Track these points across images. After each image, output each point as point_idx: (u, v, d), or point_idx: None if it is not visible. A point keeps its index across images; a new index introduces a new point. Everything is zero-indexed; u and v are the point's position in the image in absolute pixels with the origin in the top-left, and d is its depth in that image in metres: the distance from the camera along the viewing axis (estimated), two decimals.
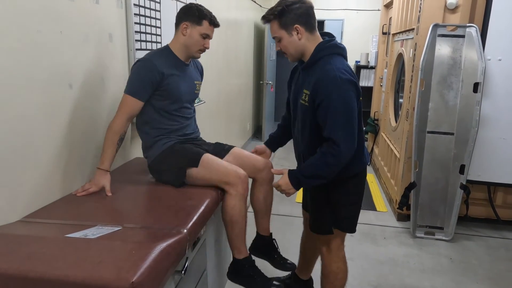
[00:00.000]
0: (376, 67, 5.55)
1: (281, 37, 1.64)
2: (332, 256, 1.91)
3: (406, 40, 3.78)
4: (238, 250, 1.85)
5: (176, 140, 1.90)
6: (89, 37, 1.82)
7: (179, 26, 1.87)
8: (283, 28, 1.61)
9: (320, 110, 1.60)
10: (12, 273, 1.07)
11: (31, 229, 1.38)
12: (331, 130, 1.59)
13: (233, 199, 1.77)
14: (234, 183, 1.76)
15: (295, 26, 1.60)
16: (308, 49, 1.66)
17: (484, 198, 3.34)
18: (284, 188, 1.73)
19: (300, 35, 1.62)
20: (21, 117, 1.45)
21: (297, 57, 1.70)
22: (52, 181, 1.64)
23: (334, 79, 1.56)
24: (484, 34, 2.98)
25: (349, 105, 1.57)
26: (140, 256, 1.13)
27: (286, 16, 1.59)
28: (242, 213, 1.80)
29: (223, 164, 1.83)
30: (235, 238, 1.82)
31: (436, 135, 3.11)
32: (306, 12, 1.61)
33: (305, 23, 1.62)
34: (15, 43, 1.40)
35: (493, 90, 3.01)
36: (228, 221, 1.80)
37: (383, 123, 4.86)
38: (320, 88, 1.59)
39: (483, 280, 2.64)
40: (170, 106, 1.87)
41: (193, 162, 1.80)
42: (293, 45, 1.64)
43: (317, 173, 1.66)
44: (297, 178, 1.71)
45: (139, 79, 1.78)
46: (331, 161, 1.61)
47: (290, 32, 1.62)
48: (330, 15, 6.90)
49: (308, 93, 1.64)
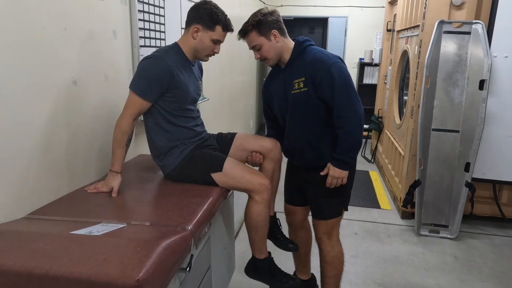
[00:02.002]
0: (380, 64, 5.52)
1: (262, 43, 1.81)
2: (333, 241, 2.03)
3: (411, 37, 3.75)
4: (259, 251, 1.88)
5: (192, 145, 1.84)
6: (93, 34, 1.82)
7: (190, 28, 1.76)
8: (262, 35, 1.80)
9: (323, 85, 1.77)
10: (17, 269, 1.07)
11: (36, 226, 1.38)
12: (340, 99, 1.76)
13: (259, 206, 1.78)
14: (260, 190, 1.76)
15: (272, 31, 1.80)
16: (285, 50, 1.86)
17: (489, 196, 3.32)
18: (338, 175, 1.85)
19: (278, 38, 1.82)
20: (25, 114, 1.45)
21: (277, 60, 1.88)
22: (56, 178, 1.64)
23: (325, 58, 1.80)
24: (490, 31, 2.95)
25: (346, 73, 1.79)
26: (145, 253, 1.12)
27: (263, 24, 1.79)
28: (267, 218, 1.84)
29: (247, 170, 1.81)
30: (259, 241, 1.86)
31: (441, 132, 3.09)
32: (277, 19, 1.83)
33: (279, 28, 1.83)
34: (20, 39, 1.40)
35: (499, 88, 2.99)
36: (253, 226, 1.82)
37: (387, 120, 4.84)
38: (317, 68, 1.78)
39: (488, 278, 2.62)
40: (178, 107, 1.79)
41: (217, 167, 1.78)
42: (273, 48, 1.83)
43: (350, 141, 1.81)
44: (340, 160, 1.84)
45: (150, 78, 1.68)
46: (353, 123, 1.79)
47: (269, 37, 1.81)
48: (334, 12, 6.86)
49: (303, 79, 1.81)
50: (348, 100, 1.77)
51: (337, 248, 2.05)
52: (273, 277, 1.93)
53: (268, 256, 1.92)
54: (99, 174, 1.92)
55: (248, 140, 2.00)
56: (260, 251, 1.89)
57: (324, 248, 2.04)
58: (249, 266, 1.96)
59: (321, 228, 2.02)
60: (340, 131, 1.81)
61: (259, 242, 1.86)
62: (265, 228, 1.86)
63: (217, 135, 2.06)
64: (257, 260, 1.90)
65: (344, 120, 1.78)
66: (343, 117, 1.78)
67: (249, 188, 1.78)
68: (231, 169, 1.78)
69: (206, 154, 1.83)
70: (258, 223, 1.80)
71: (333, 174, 1.86)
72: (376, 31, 6.27)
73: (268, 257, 1.91)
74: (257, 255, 1.90)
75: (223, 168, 1.77)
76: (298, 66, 1.84)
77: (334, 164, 1.85)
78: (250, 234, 1.86)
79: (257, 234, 1.84)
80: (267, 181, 1.79)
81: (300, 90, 1.82)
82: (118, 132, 1.70)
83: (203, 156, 1.82)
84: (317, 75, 1.77)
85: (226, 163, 1.78)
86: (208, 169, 1.79)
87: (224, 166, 1.77)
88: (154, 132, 1.82)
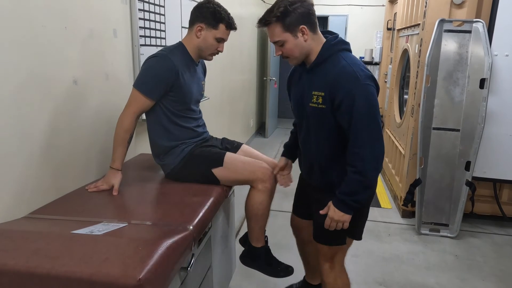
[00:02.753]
0: (381, 63, 5.52)
1: (286, 40, 1.50)
2: (335, 271, 1.77)
3: (412, 35, 3.75)
4: (257, 240, 1.87)
5: (193, 145, 1.85)
6: (93, 33, 1.81)
7: (193, 27, 1.77)
8: (287, 30, 1.48)
9: (342, 109, 1.48)
10: (19, 269, 1.07)
11: (37, 225, 1.38)
12: (359, 131, 1.48)
13: (262, 195, 1.77)
14: (263, 179, 1.76)
15: (300, 27, 1.48)
16: (313, 49, 1.55)
17: (489, 195, 3.31)
18: (338, 219, 1.56)
19: (306, 36, 1.50)
20: (26, 113, 1.45)
21: (302, 59, 1.58)
22: (57, 177, 1.64)
23: (353, 75, 1.46)
24: (491, 30, 2.95)
25: (372, 102, 1.47)
26: (147, 253, 1.12)
27: (290, 17, 1.46)
28: (269, 207, 1.83)
29: (247, 161, 1.81)
30: (258, 230, 1.85)
31: (442, 131, 3.09)
32: (308, 11, 1.49)
33: (309, 22, 1.50)
34: (20, 38, 1.40)
35: (500, 86, 2.98)
36: (254, 215, 1.80)
37: (387, 119, 4.83)
38: (339, 86, 1.47)
39: (488, 277, 2.62)
40: (180, 107, 1.80)
41: (217, 162, 1.78)
42: (299, 47, 1.52)
43: (359, 184, 1.52)
44: (342, 202, 1.55)
45: (155, 77, 1.69)
46: (367, 163, 1.49)
47: (295, 34, 1.49)
48: (334, 11, 6.86)
49: (323, 94, 1.52)
50: (367, 134, 1.47)
51: (341, 280, 1.78)
52: (269, 266, 1.90)
53: (265, 245, 1.90)
54: (100, 173, 1.92)
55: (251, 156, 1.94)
56: (258, 240, 1.87)
57: (325, 278, 1.78)
58: (245, 254, 1.93)
59: (321, 252, 1.76)
60: (350, 168, 1.52)
61: (258, 231, 1.86)
62: (266, 217, 1.84)
63: (222, 139, 2.08)
64: (253, 248, 1.88)
65: (357, 157, 1.49)
66: (357, 154, 1.49)
67: (251, 179, 1.77)
68: (232, 162, 1.78)
69: (206, 152, 1.83)
70: (259, 211, 1.79)
71: (332, 216, 1.57)
72: (376, 29, 6.27)
73: (264, 246, 1.89)
74: (254, 244, 1.88)
75: (223, 162, 1.77)
76: (321, 75, 1.54)
77: (335, 203, 1.57)
78: (250, 223, 1.85)
79: (257, 223, 1.83)
80: (270, 170, 1.79)
81: (318, 105, 1.54)
82: (120, 129, 1.71)
83: (203, 154, 1.82)
84: (338, 94, 1.47)
85: (226, 157, 1.79)
86: (209, 165, 1.78)
87: (224, 160, 1.78)
88: (155, 131, 1.82)
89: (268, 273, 1.93)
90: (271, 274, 1.93)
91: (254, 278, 2.49)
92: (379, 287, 2.47)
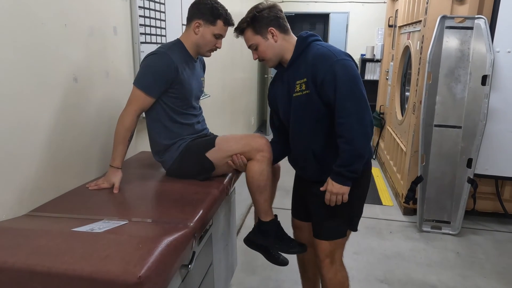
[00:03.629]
0: (382, 60, 5.50)
1: (258, 43, 1.64)
2: (335, 265, 1.80)
3: (413, 32, 3.73)
4: (265, 213, 1.79)
5: (189, 140, 1.85)
6: (93, 30, 1.81)
7: (191, 23, 1.77)
8: (257, 33, 1.63)
9: (325, 87, 1.55)
10: (20, 266, 1.07)
11: (37, 223, 1.38)
12: (343, 101, 1.53)
13: (262, 164, 1.72)
14: (259, 148, 1.72)
15: (269, 29, 1.62)
16: (286, 49, 1.66)
17: (491, 192, 3.31)
18: (337, 191, 1.61)
19: (276, 37, 1.63)
20: (26, 111, 1.45)
21: (276, 61, 1.69)
22: (58, 175, 1.64)
23: (329, 53, 1.56)
24: (493, 26, 2.93)
25: (353, 72, 1.54)
26: (147, 250, 1.12)
27: (259, 21, 1.62)
28: (270, 177, 1.77)
29: (240, 135, 1.80)
30: (264, 202, 1.78)
31: (443, 128, 3.08)
32: (276, 15, 1.63)
33: (278, 25, 1.64)
34: (20, 36, 1.39)
35: (502, 83, 2.97)
36: (257, 187, 1.74)
37: (389, 116, 4.83)
38: (318, 66, 1.56)
39: (490, 274, 2.62)
40: (180, 104, 1.80)
41: (209, 145, 1.77)
42: (270, 48, 1.65)
43: (351, 153, 1.56)
44: (339, 174, 1.59)
45: (154, 74, 1.69)
46: (356, 131, 1.53)
47: (265, 36, 1.63)
48: (335, 8, 6.83)
49: (305, 80, 1.60)
50: (352, 103, 1.51)
51: (341, 274, 1.81)
52: (281, 241, 1.81)
53: (275, 218, 1.82)
54: (101, 171, 1.92)
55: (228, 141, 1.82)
56: (266, 213, 1.79)
57: (325, 274, 1.79)
58: (253, 232, 1.86)
59: (321, 249, 1.78)
60: (340, 139, 1.56)
61: (264, 203, 1.78)
62: (270, 188, 1.77)
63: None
64: (263, 223, 1.80)
65: (346, 127, 1.53)
66: (345, 124, 1.53)
67: (247, 150, 1.73)
68: (224, 140, 1.78)
69: (198, 141, 1.85)
70: (261, 182, 1.73)
71: (331, 190, 1.62)
72: (377, 26, 6.24)
73: (274, 219, 1.81)
74: (263, 218, 1.79)
75: (215, 143, 1.77)
76: (300, 65, 1.64)
77: (332, 177, 1.62)
78: (254, 196, 1.78)
79: (261, 195, 1.76)
80: (265, 139, 1.76)
81: (302, 92, 1.61)
82: (120, 127, 1.71)
83: (196, 143, 1.83)
84: (319, 74, 1.55)
85: (218, 138, 1.79)
86: (202, 151, 1.78)
87: (216, 141, 1.77)
88: (155, 129, 1.83)
89: (280, 249, 1.83)
90: (283, 250, 1.83)
91: (256, 275, 2.49)
92: (380, 285, 2.47)
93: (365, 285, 2.45)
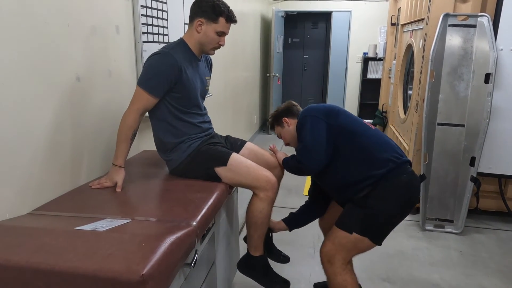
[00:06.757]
0: (385, 58, 5.49)
1: (279, 132, 2.06)
2: (335, 267, 1.76)
3: (416, 30, 3.72)
4: (255, 248, 1.87)
5: (199, 140, 1.84)
6: (96, 30, 1.81)
7: (193, 22, 1.77)
8: (278, 125, 2.05)
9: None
10: (23, 265, 1.07)
11: (41, 222, 1.38)
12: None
13: (263, 203, 1.77)
14: (265, 188, 1.75)
15: (283, 119, 2.01)
16: None
17: (494, 191, 3.29)
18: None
19: (289, 123, 2.02)
20: (29, 110, 1.45)
21: (296, 142, 2.00)
22: (61, 173, 1.65)
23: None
24: (496, 24, 2.92)
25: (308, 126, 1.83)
26: (150, 249, 1.12)
27: (276, 116, 2.06)
28: (268, 216, 1.83)
29: (253, 166, 1.79)
30: (257, 238, 1.85)
31: (446, 127, 3.07)
32: (287, 108, 2.02)
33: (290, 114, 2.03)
34: (22, 35, 1.40)
35: (505, 81, 2.96)
36: (254, 223, 1.80)
37: (391, 115, 4.81)
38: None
39: (493, 273, 2.61)
40: (184, 103, 1.80)
41: (222, 161, 1.77)
42: (287, 133, 2.01)
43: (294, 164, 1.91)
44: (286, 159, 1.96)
45: (158, 74, 1.69)
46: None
47: (282, 125, 2.03)
48: (338, 7, 6.81)
49: None
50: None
51: (341, 277, 1.75)
52: (265, 276, 1.90)
53: (263, 254, 1.90)
54: (104, 169, 1.92)
55: (256, 154, 1.99)
56: (256, 248, 1.87)
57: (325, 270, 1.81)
58: (243, 262, 1.94)
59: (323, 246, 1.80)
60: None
61: (257, 239, 1.85)
62: (265, 226, 1.84)
63: (226, 137, 2.07)
64: (251, 257, 1.89)
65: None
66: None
67: (254, 185, 1.76)
68: (237, 164, 1.77)
69: (212, 149, 1.83)
70: (259, 220, 1.79)
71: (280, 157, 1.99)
72: (380, 25, 6.23)
73: (262, 256, 1.90)
74: (253, 252, 1.88)
75: (228, 163, 1.76)
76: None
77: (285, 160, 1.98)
78: (249, 231, 1.85)
79: (256, 231, 1.83)
80: (274, 179, 1.78)
81: None
82: (123, 126, 1.71)
83: (209, 151, 1.81)
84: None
85: (232, 158, 1.78)
86: (213, 163, 1.78)
87: (229, 161, 1.76)
88: (161, 128, 1.83)
89: (264, 284, 1.91)
90: (266, 286, 1.90)
91: None
92: (383, 283, 2.47)
93: (368, 283, 2.45)
